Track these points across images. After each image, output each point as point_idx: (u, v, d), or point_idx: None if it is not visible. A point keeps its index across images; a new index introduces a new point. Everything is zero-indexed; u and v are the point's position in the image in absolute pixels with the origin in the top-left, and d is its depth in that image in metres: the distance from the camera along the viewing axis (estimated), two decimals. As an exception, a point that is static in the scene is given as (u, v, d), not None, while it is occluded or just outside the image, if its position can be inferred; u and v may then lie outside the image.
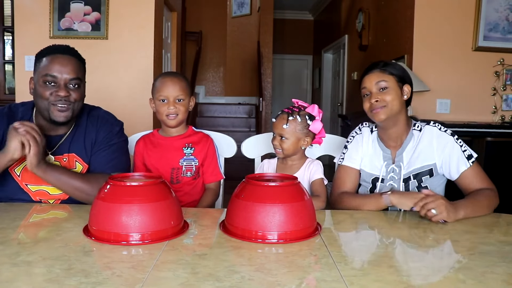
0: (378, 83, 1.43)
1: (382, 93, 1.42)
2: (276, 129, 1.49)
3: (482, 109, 3.44)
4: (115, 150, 1.47)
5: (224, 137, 1.80)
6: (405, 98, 1.45)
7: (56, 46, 1.41)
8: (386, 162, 1.49)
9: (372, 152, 1.53)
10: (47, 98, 1.35)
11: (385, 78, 1.43)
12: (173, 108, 1.56)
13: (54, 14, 3.37)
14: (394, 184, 1.47)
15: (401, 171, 1.46)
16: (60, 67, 1.35)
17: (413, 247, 1.06)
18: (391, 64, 1.48)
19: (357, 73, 5.21)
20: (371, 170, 1.51)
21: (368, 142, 1.54)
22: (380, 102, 1.42)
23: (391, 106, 1.41)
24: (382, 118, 1.43)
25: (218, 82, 7.81)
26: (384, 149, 1.50)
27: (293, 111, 1.47)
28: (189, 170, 1.60)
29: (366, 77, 1.47)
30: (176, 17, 5.14)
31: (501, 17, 3.45)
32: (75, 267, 0.84)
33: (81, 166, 1.44)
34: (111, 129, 1.48)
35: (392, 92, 1.42)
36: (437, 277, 0.85)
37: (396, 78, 1.44)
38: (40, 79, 1.35)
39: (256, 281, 0.80)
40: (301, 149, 1.51)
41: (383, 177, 1.48)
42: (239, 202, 1.07)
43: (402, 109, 1.45)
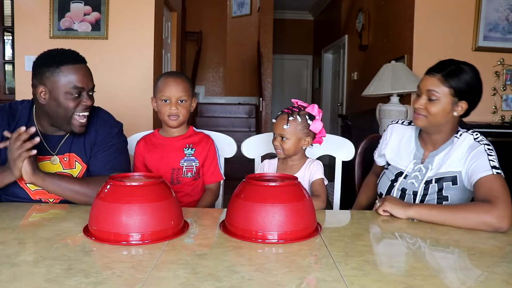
0: (430, 92, 1.35)
1: (429, 103, 1.35)
2: (277, 129, 1.49)
3: (482, 109, 3.40)
4: (114, 151, 1.47)
5: (224, 137, 1.80)
6: (455, 115, 1.37)
7: (69, 54, 1.40)
8: (415, 160, 1.46)
9: (404, 146, 1.51)
10: (71, 109, 1.37)
11: (439, 89, 1.34)
12: (175, 109, 1.56)
13: (54, 14, 3.37)
14: (415, 184, 1.44)
15: (427, 173, 1.42)
16: (84, 78, 1.38)
17: (413, 247, 1.06)
18: (458, 74, 1.34)
19: (357, 73, 5.21)
20: (397, 164, 1.50)
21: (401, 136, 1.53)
22: (423, 111, 1.37)
23: (432, 118, 1.36)
24: (420, 125, 1.40)
25: (218, 82, 7.81)
26: (419, 148, 1.47)
27: (293, 111, 1.47)
28: (190, 171, 1.60)
29: (425, 76, 1.39)
30: (176, 17, 5.14)
31: (501, 17, 3.45)
32: (75, 267, 0.84)
33: (80, 166, 1.45)
34: (110, 131, 1.49)
35: (439, 105, 1.34)
36: (437, 277, 0.85)
37: (453, 92, 1.33)
38: (62, 91, 1.35)
39: (256, 281, 0.80)
40: (302, 149, 1.51)
41: (408, 174, 1.46)
42: (239, 202, 1.07)
43: (448, 122, 1.38)
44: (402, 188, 1.47)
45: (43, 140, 1.42)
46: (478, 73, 1.38)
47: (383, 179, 1.55)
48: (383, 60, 3.72)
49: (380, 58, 4.12)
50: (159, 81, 1.60)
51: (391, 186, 1.50)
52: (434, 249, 1.04)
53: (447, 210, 1.20)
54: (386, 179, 1.53)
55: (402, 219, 1.23)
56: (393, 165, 1.52)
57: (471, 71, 1.36)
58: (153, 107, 1.64)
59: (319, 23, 7.79)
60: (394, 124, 1.59)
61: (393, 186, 1.49)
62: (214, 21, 7.43)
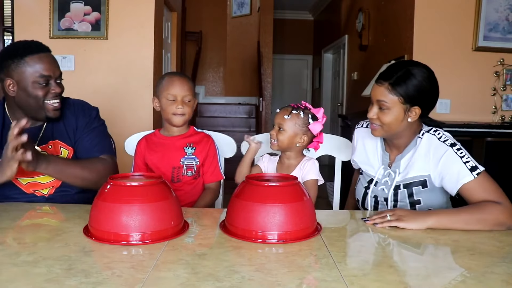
0: (379, 102, 1.31)
1: (381, 112, 1.32)
2: (277, 118, 1.50)
3: (482, 109, 3.44)
4: (98, 134, 1.53)
5: (224, 137, 1.81)
6: (410, 121, 1.32)
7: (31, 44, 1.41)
8: (383, 165, 1.45)
9: (371, 151, 1.49)
10: (41, 97, 1.38)
11: (388, 98, 1.29)
12: (181, 107, 1.57)
13: (54, 14, 3.37)
14: (386, 190, 1.42)
15: (396, 177, 1.39)
16: (50, 65, 1.39)
17: (413, 247, 1.06)
18: (406, 80, 1.28)
19: (357, 73, 5.21)
20: (368, 170, 1.49)
21: (367, 141, 1.51)
22: (376, 120, 1.34)
23: (387, 127, 1.33)
24: (377, 135, 1.38)
25: (218, 82, 7.81)
26: (384, 152, 1.46)
27: (298, 107, 1.49)
28: (190, 169, 1.61)
29: (374, 85, 1.35)
30: (176, 17, 5.14)
31: (501, 17, 3.45)
32: (75, 267, 0.84)
33: (67, 151, 1.48)
34: (89, 114, 1.54)
35: (391, 115, 1.30)
36: (437, 277, 0.85)
37: (403, 100, 1.29)
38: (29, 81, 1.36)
39: (256, 281, 0.80)
40: (296, 146, 1.51)
41: (378, 180, 1.45)
42: (239, 202, 1.07)
43: (406, 128, 1.34)
44: (374, 195, 1.46)
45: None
46: (430, 74, 1.32)
47: (359, 186, 1.55)
48: (383, 60, 3.72)
49: (380, 58, 4.12)
50: (164, 80, 1.61)
51: (365, 193, 1.49)
52: (434, 249, 1.04)
53: (464, 214, 1.17)
54: (361, 186, 1.53)
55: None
56: (365, 172, 1.51)
57: (421, 73, 1.30)
58: (154, 107, 1.65)
59: (319, 23, 7.79)
60: (359, 128, 1.56)
61: (367, 193, 1.48)
62: (214, 21, 7.42)
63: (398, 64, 1.34)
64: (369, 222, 1.19)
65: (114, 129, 2.01)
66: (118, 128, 2.53)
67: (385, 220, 1.17)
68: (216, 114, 6.13)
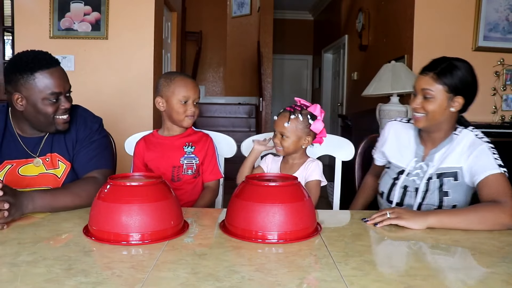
0: (424, 91, 1.37)
1: (425, 101, 1.37)
2: (277, 127, 1.49)
3: (482, 109, 3.44)
4: (97, 147, 1.48)
5: (224, 137, 1.81)
6: (453, 110, 1.38)
7: (41, 58, 1.35)
8: (416, 158, 1.47)
9: (404, 144, 1.52)
10: (51, 114, 1.36)
11: (433, 87, 1.36)
12: (193, 109, 1.60)
13: (54, 14, 3.37)
14: (417, 181, 1.45)
15: (428, 169, 1.43)
16: (60, 81, 1.36)
17: (413, 247, 1.06)
18: (451, 71, 1.36)
19: (357, 73, 5.21)
20: (398, 162, 1.51)
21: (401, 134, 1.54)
22: (421, 110, 1.38)
23: (431, 116, 1.37)
24: (420, 126, 1.42)
25: (218, 82, 7.81)
26: (419, 145, 1.49)
27: (295, 109, 1.47)
28: (190, 168, 1.61)
29: (419, 76, 1.41)
30: (176, 17, 5.14)
31: (501, 17, 3.45)
32: (75, 267, 0.84)
33: (64, 165, 1.45)
34: (90, 127, 1.50)
35: (436, 103, 1.36)
36: (437, 277, 0.85)
37: (448, 88, 1.35)
38: (39, 98, 1.33)
39: (256, 281, 0.80)
40: (302, 148, 1.51)
41: (409, 171, 1.47)
42: (239, 202, 1.07)
43: (447, 119, 1.40)
44: (404, 185, 1.48)
45: (22, 144, 1.42)
46: (472, 68, 1.40)
47: (385, 178, 1.56)
48: (383, 60, 3.72)
49: (380, 58, 4.12)
50: (174, 81, 1.59)
51: (393, 184, 1.50)
52: (434, 249, 1.04)
53: (464, 214, 1.19)
54: (388, 177, 1.54)
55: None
56: (394, 163, 1.53)
57: (464, 66, 1.38)
58: (158, 107, 1.63)
59: (319, 23, 7.79)
60: (393, 122, 1.60)
61: (395, 184, 1.49)
62: (214, 21, 7.42)
63: (442, 58, 1.41)
64: (369, 222, 1.20)
65: (114, 129, 2.01)
66: (118, 128, 2.53)
67: (385, 218, 1.18)
68: (216, 114, 6.13)
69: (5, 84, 1.36)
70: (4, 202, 1.09)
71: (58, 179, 1.43)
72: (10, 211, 1.10)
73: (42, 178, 1.42)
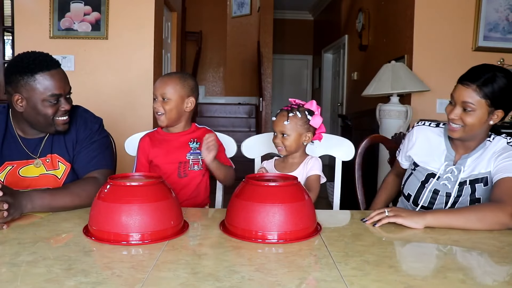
0: (465, 103, 1.31)
1: (465, 113, 1.32)
2: (277, 127, 1.49)
3: (482, 109, 3.43)
4: (97, 147, 1.48)
5: (224, 137, 1.81)
6: (491, 123, 1.34)
7: (42, 59, 1.35)
8: (447, 162, 1.44)
9: (434, 148, 1.48)
10: (51, 115, 1.36)
11: (475, 100, 1.30)
12: (157, 106, 1.58)
13: (54, 14, 3.37)
14: (448, 185, 1.43)
15: (460, 174, 1.40)
16: (61, 83, 1.36)
17: (413, 247, 1.06)
18: (493, 83, 1.29)
19: (357, 73, 5.21)
20: (428, 165, 1.48)
21: (430, 138, 1.50)
22: (458, 121, 1.34)
23: (469, 129, 1.33)
24: (456, 136, 1.38)
25: (218, 82, 7.81)
26: (450, 150, 1.46)
27: (292, 108, 1.48)
28: (196, 164, 1.61)
29: (459, 85, 1.35)
30: (176, 17, 5.14)
31: (501, 17, 3.45)
32: (75, 267, 0.84)
33: (64, 166, 1.45)
34: (91, 127, 1.49)
35: (475, 116, 1.31)
36: (437, 277, 0.85)
37: (489, 102, 1.30)
38: (39, 99, 1.33)
39: (256, 281, 0.80)
40: (303, 145, 1.51)
41: (440, 175, 1.44)
42: (239, 202, 1.07)
43: (483, 130, 1.37)
44: (434, 189, 1.45)
45: (22, 145, 1.42)
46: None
47: (412, 180, 1.53)
48: (383, 60, 3.72)
49: (380, 58, 4.12)
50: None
51: (422, 187, 1.48)
52: (434, 249, 1.04)
53: (462, 213, 1.19)
54: (416, 180, 1.51)
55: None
56: (423, 166, 1.50)
57: (506, 77, 1.31)
58: None
59: (319, 23, 7.79)
60: (420, 126, 1.56)
61: (424, 187, 1.47)
62: (214, 21, 7.42)
63: (482, 67, 1.35)
64: (368, 222, 1.20)
65: (114, 129, 2.01)
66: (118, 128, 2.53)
67: (383, 216, 1.18)
68: (216, 114, 6.13)
69: (5, 85, 1.36)
70: (3, 202, 1.09)
71: (58, 180, 1.43)
72: (9, 211, 1.11)
73: (42, 179, 1.42)
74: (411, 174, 1.54)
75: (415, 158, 1.53)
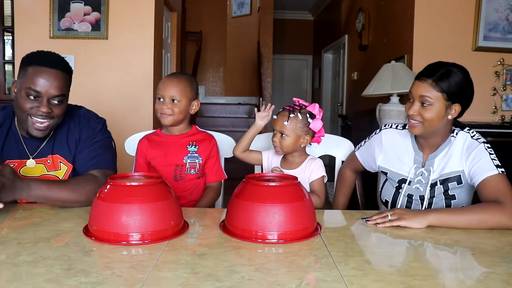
0: (422, 97, 1.34)
1: (423, 108, 1.34)
2: (277, 125, 1.50)
3: (482, 109, 3.44)
4: (99, 147, 1.47)
5: (225, 137, 1.81)
6: (449, 118, 1.36)
7: (44, 56, 1.36)
8: (416, 164, 1.45)
9: (402, 151, 1.49)
10: (26, 110, 1.33)
11: (432, 94, 1.32)
12: (166, 108, 1.57)
13: (54, 14, 3.37)
14: (420, 188, 1.44)
15: (430, 175, 1.41)
16: (46, 82, 1.31)
17: (413, 247, 1.06)
18: (448, 78, 1.33)
19: (357, 73, 5.21)
20: (398, 170, 1.49)
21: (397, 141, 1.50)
22: (417, 117, 1.36)
23: (428, 124, 1.35)
24: (416, 133, 1.39)
25: (218, 82, 7.80)
26: (417, 151, 1.46)
27: (294, 109, 1.48)
28: (193, 168, 1.61)
29: (416, 82, 1.37)
30: (176, 17, 5.14)
31: (501, 17, 3.45)
32: (75, 267, 0.84)
33: (66, 167, 1.45)
34: (94, 127, 1.49)
35: (433, 110, 1.33)
36: (437, 277, 0.85)
37: (446, 96, 1.32)
38: (22, 90, 1.32)
39: (256, 281, 0.80)
40: (300, 147, 1.52)
41: (411, 180, 1.45)
42: (239, 202, 1.07)
43: (444, 125, 1.38)
44: (408, 194, 1.47)
45: (24, 144, 1.42)
46: (468, 74, 1.38)
47: (387, 187, 1.54)
48: (383, 60, 3.72)
49: (380, 58, 4.12)
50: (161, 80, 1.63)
51: (397, 192, 1.49)
52: (434, 249, 1.04)
53: (465, 213, 1.19)
54: (390, 186, 1.53)
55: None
56: (394, 171, 1.50)
57: (461, 72, 1.36)
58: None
59: (319, 23, 7.79)
60: (388, 129, 1.55)
61: (399, 192, 1.48)
62: (214, 21, 7.42)
63: (439, 63, 1.38)
64: (370, 223, 1.20)
65: (114, 129, 2.01)
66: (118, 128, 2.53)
67: (386, 220, 1.18)
68: (216, 114, 6.12)
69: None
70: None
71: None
72: (1, 191, 1.11)
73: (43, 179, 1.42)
74: (386, 181, 1.55)
75: (386, 165, 1.53)
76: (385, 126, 1.57)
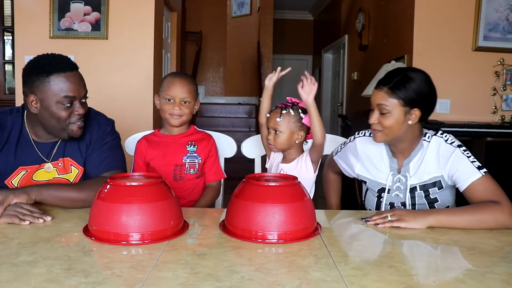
0: (380, 106, 1.34)
1: (382, 116, 1.34)
2: (270, 123, 1.51)
3: (482, 109, 3.44)
4: (108, 148, 1.47)
5: (224, 137, 1.81)
6: (410, 123, 1.34)
7: (58, 60, 1.35)
8: (392, 172, 1.45)
9: (377, 159, 1.48)
10: (65, 119, 1.34)
11: (388, 102, 1.32)
12: (178, 109, 1.57)
13: (54, 14, 3.37)
14: (400, 195, 1.43)
15: (408, 181, 1.41)
16: (75, 86, 1.34)
17: (413, 247, 1.06)
18: (405, 84, 1.32)
19: (357, 73, 5.21)
20: (377, 179, 1.48)
21: (371, 149, 1.50)
22: (377, 125, 1.36)
23: (388, 131, 1.35)
24: (379, 141, 1.39)
25: (218, 82, 7.81)
26: (391, 158, 1.46)
27: (286, 105, 1.50)
28: (192, 167, 1.62)
29: (374, 90, 1.38)
30: (176, 17, 5.14)
31: (501, 17, 3.45)
32: (75, 267, 0.84)
33: (77, 170, 1.45)
34: (104, 129, 1.49)
35: (392, 118, 1.33)
36: (437, 277, 0.85)
37: (403, 102, 1.32)
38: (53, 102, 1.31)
39: (256, 281, 0.80)
40: (295, 143, 1.52)
41: (390, 188, 1.45)
42: (239, 202, 1.07)
43: (408, 131, 1.36)
44: (389, 202, 1.47)
45: (37, 149, 1.42)
46: (428, 78, 1.36)
47: (369, 196, 1.54)
48: (383, 60, 3.72)
49: (380, 58, 4.12)
50: (165, 80, 1.62)
51: (379, 201, 1.49)
52: (434, 249, 1.04)
53: (464, 214, 1.19)
54: (371, 195, 1.53)
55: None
56: (372, 180, 1.50)
57: (419, 77, 1.34)
58: (155, 104, 1.66)
59: (319, 23, 7.79)
60: (361, 137, 1.54)
61: (381, 201, 1.48)
62: (214, 21, 7.42)
63: (395, 70, 1.38)
64: (370, 223, 1.20)
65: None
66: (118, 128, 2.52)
67: (386, 220, 1.18)
68: (216, 114, 6.12)
69: (22, 85, 1.36)
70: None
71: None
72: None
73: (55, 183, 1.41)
74: (368, 190, 1.55)
75: (364, 174, 1.52)
76: (358, 134, 1.57)
